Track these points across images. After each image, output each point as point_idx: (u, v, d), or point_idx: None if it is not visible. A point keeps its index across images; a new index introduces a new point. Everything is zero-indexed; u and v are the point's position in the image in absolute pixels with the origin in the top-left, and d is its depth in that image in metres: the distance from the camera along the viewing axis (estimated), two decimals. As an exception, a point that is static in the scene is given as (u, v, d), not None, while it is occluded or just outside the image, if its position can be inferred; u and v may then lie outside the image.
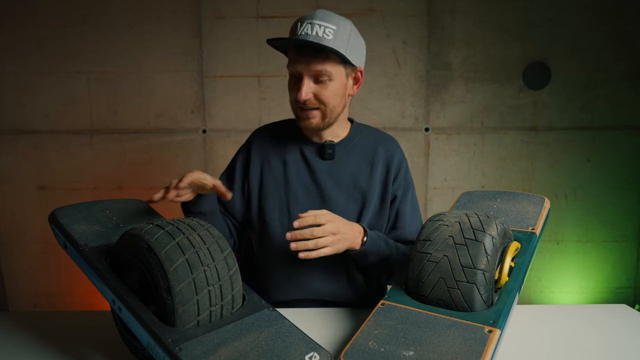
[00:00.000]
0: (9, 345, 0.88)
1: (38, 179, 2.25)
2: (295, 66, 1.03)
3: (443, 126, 2.24)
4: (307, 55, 1.01)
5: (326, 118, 1.08)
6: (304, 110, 1.06)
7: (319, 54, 1.00)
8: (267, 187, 1.14)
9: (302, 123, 1.09)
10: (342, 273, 1.13)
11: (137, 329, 0.70)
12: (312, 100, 1.04)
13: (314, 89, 1.03)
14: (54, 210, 0.89)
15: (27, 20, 2.15)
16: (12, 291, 2.34)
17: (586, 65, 2.18)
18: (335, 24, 1.00)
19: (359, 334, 0.74)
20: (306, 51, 1.01)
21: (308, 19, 1.01)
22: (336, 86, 1.05)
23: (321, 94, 1.04)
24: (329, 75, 1.02)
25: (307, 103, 1.04)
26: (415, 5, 2.16)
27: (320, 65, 1.01)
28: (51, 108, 2.21)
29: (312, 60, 1.01)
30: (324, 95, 1.04)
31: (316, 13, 1.01)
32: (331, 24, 1.00)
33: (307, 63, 1.01)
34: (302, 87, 1.02)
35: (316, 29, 0.99)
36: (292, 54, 1.04)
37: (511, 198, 1.07)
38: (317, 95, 1.04)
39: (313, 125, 1.08)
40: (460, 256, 0.78)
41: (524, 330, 0.94)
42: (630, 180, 2.24)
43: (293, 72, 1.05)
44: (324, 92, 1.04)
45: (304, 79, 1.02)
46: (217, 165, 2.25)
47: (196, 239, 0.74)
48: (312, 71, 1.01)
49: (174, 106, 2.22)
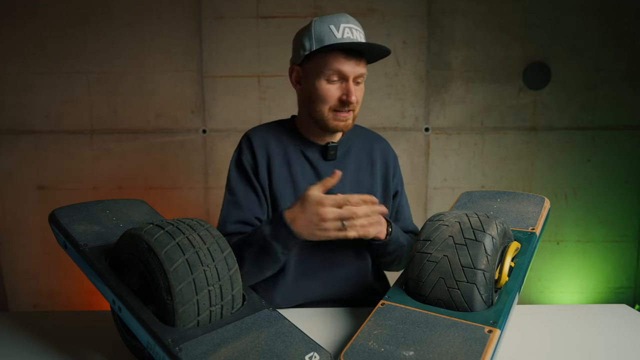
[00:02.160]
0: (9, 345, 0.88)
1: (38, 179, 2.25)
2: (342, 69, 1.03)
3: (443, 126, 2.24)
4: (354, 58, 1.03)
5: (355, 119, 1.11)
6: (342, 113, 1.07)
7: (363, 57, 1.04)
8: (275, 189, 1.12)
9: (339, 125, 1.08)
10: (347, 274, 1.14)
11: (137, 329, 0.70)
12: (354, 102, 1.07)
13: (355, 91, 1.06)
14: (54, 210, 0.89)
15: (27, 20, 2.15)
16: (12, 291, 2.34)
17: (586, 65, 2.18)
18: (361, 28, 1.07)
19: (359, 334, 0.74)
20: (353, 54, 1.03)
21: (344, 22, 1.04)
22: (363, 88, 1.10)
23: (358, 95, 1.07)
24: (364, 77, 1.07)
25: (351, 105, 1.06)
26: (415, 5, 2.16)
27: (364, 68, 1.06)
28: (51, 108, 2.21)
29: (360, 63, 1.04)
30: (360, 97, 1.08)
31: (347, 17, 1.05)
32: (361, 29, 1.07)
33: (355, 66, 1.04)
34: (351, 89, 1.04)
35: (356, 33, 1.04)
36: (337, 56, 1.03)
37: (511, 198, 1.07)
38: (357, 97, 1.07)
39: (348, 127, 1.09)
40: (460, 256, 0.78)
41: (524, 330, 0.94)
42: (630, 180, 2.24)
43: (336, 74, 1.04)
44: (360, 93, 1.08)
45: (350, 81, 1.04)
46: (217, 165, 2.25)
47: (196, 239, 0.74)
48: (358, 74, 1.05)
49: (174, 106, 2.22)
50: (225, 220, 1.09)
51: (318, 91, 1.05)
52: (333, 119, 1.07)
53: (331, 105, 1.06)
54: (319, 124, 1.09)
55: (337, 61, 1.03)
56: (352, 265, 1.14)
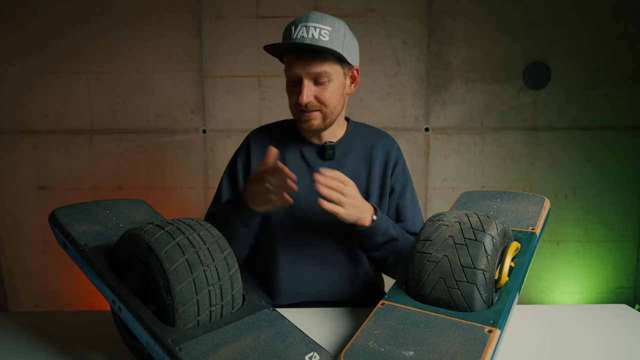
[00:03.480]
0: (9, 345, 0.88)
1: (38, 179, 2.25)
2: (293, 70, 1.03)
3: (443, 126, 2.24)
4: (305, 58, 1.01)
5: (327, 119, 1.08)
6: (305, 113, 1.06)
7: (317, 55, 1.01)
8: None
9: (303, 125, 1.08)
10: (343, 275, 1.14)
11: (137, 329, 0.70)
12: (314, 102, 1.04)
13: (314, 91, 1.04)
14: (54, 210, 0.89)
15: (27, 20, 2.15)
16: (12, 291, 2.34)
17: (586, 65, 2.18)
18: (330, 25, 1.01)
19: (359, 334, 0.74)
20: (304, 54, 1.01)
21: (302, 22, 1.01)
22: (335, 86, 1.05)
23: (321, 95, 1.04)
24: (329, 76, 1.03)
25: (308, 106, 1.04)
26: (415, 5, 2.16)
27: (319, 67, 1.01)
28: (51, 108, 2.21)
29: (311, 62, 1.01)
30: (324, 96, 1.04)
31: (309, 15, 1.01)
32: (326, 26, 1.00)
33: (306, 66, 1.01)
34: (303, 90, 1.02)
35: (312, 31, 0.99)
36: (289, 58, 1.04)
37: (511, 198, 1.07)
38: (318, 97, 1.04)
39: (314, 127, 1.08)
40: (460, 256, 0.78)
41: (524, 330, 0.94)
42: (630, 180, 2.24)
43: (292, 77, 1.05)
44: (324, 93, 1.04)
45: (304, 82, 1.02)
46: (217, 165, 2.25)
47: (196, 239, 0.74)
48: (312, 74, 1.02)
49: (174, 106, 2.22)
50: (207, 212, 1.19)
51: (287, 92, 1.09)
52: (301, 119, 1.08)
53: (294, 105, 1.07)
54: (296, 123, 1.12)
55: (289, 62, 1.04)
56: (347, 265, 1.14)
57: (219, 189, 1.19)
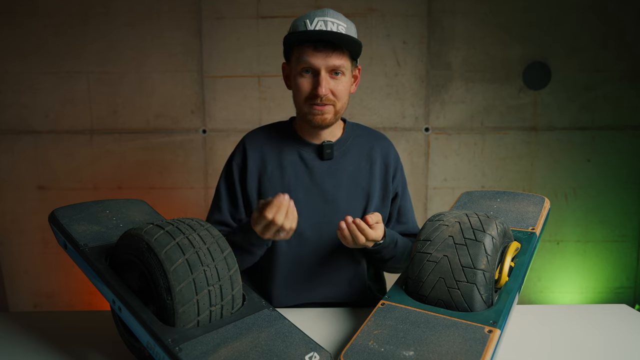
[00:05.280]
0: (9, 345, 0.88)
1: (38, 179, 2.25)
2: (311, 61, 1.02)
3: (443, 126, 2.24)
4: (324, 50, 1.01)
5: (337, 114, 1.08)
6: (317, 107, 1.05)
7: (337, 49, 1.02)
8: (265, 193, 1.11)
9: (315, 119, 1.07)
10: (343, 277, 1.14)
11: (137, 329, 0.70)
12: (329, 96, 1.04)
13: (331, 84, 1.04)
14: (54, 210, 0.89)
15: (27, 20, 2.15)
16: (12, 291, 2.34)
17: (586, 65, 2.18)
18: (345, 22, 1.03)
19: (359, 334, 0.74)
20: (323, 46, 1.01)
21: (319, 16, 1.01)
22: (347, 82, 1.07)
23: (336, 89, 1.04)
24: (344, 70, 1.04)
25: (323, 99, 1.03)
26: (415, 5, 2.16)
27: (339, 60, 1.02)
28: (51, 108, 2.21)
29: (331, 55, 1.01)
30: (338, 90, 1.05)
31: (325, 11, 1.02)
32: (343, 22, 1.03)
33: (326, 58, 1.01)
34: (322, 82, 1.02)
35: (330, 25, 1.00)
36: (304, 49, 1.02)
37: (511, 198, 1.07)
38: (333, 90, 1.04)
39: (327, 121, 1.07)
40: (460, 256, 0.78)
41: (524, 330, 0.94)
42: (630, 180, 2.24)
43: (307, 68, 1.03)
44: (339, 87, 1.05)
45: (322, 74, 1.02)
46: (217, 166, 2.25)
47: (196, 239, 0.74)
48: (331, 66, 1.02)
49: (174, 106, 2.22)
50: (208, 219, 1.17)
51: (295, 85, 1.07)
52: (312, 113, 1.06)
53: (305, 98, 1.06)
54: (303, 118, 1.10)
55: (306, 54, 1.03)
56: (347, 267, 1.13)
57: (217, 195, 1.17)
